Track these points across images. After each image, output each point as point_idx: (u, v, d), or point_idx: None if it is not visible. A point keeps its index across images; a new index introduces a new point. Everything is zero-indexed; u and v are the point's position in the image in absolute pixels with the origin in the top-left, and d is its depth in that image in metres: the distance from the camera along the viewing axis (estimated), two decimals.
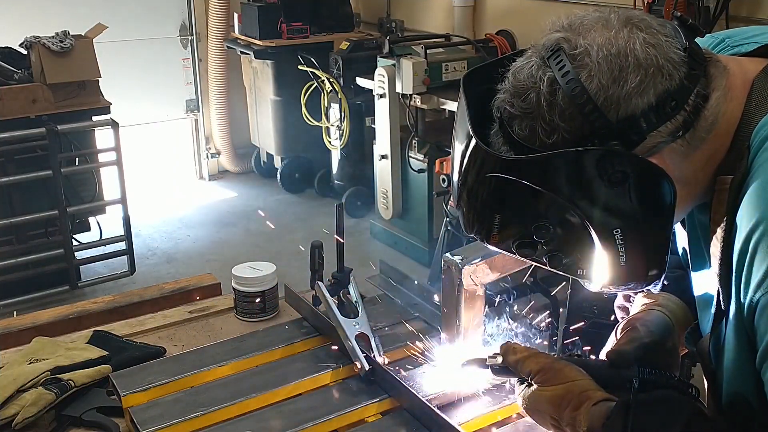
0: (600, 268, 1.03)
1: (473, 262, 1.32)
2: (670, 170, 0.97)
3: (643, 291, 1.31)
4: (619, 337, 1.28)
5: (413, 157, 4.70)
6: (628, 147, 0.96)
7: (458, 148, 1.07)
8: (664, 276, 1.05)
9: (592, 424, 1.08)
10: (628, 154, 0.96)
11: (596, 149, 0.95)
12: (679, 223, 1.19)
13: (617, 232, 0.98)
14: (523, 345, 1.24)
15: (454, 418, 1.36)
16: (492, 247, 1.08)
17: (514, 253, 1.06)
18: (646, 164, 0.96)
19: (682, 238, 1.23)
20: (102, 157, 4.36)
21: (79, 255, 4.41)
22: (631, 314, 1.35)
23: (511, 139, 1.01)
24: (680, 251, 1.28)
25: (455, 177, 1.07)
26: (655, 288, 1.07)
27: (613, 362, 1.21)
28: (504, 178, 0.99)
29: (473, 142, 1.01)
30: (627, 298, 1.42)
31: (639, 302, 1.35)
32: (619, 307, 1.45)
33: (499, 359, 1.22)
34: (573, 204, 0.98)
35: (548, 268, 1.05)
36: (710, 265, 1.07)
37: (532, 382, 1.17)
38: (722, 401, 1.08)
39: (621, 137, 0.95)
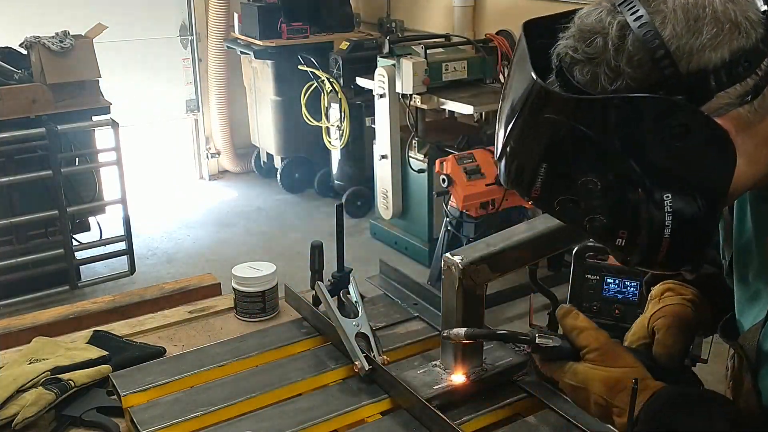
0: (641, 240, 0.97)
1: (473, 262, 1.32)
2: (733, 136, 0.91)
3: (677, 274, 1.30)
4: (660, 328, 1.26)
5: (413, 157, 4.70)
6: (694, 103, 0.91)
7: (510, 94, 1.01)
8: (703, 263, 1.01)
9: (646, 414, 1.05)
10: (694, 109, 0.90)
11: (662, 97, 0.90)
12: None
13: (667, 197, 0.93)
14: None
15: (454, 418, 1.36)
16: (528, 204, 1.05)
17: (554, 212, 1.00)
18: (711, 123, 0.90)
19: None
20: (102, 157, 4.36)
21: (79, 255, 4.41)
22: (663, 303, 1.33)
23: (570, 86, 0.95)
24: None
25: (502, 127, 1.02)
26: (691, 274, 1.04)
27: (663, 364, 1.21)
28: (560, 121, 0.94)
29: (533, 82, 0.95)
30: (655, 278, 1.39)
31: (660, 291, 1.34)
32: (647, 282, 1.43)
33: (552, 342, 1.16)
34: (627, 157, 0.93)
35: (587, 233, 1.00)
36: (764, 259, 1.03)
37: (585, 358, 1.13)
38: (764, 399, 1.05)
39: (688, 91, 0.90)
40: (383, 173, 4.89)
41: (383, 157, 4.84)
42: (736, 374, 1.16)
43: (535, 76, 0.94)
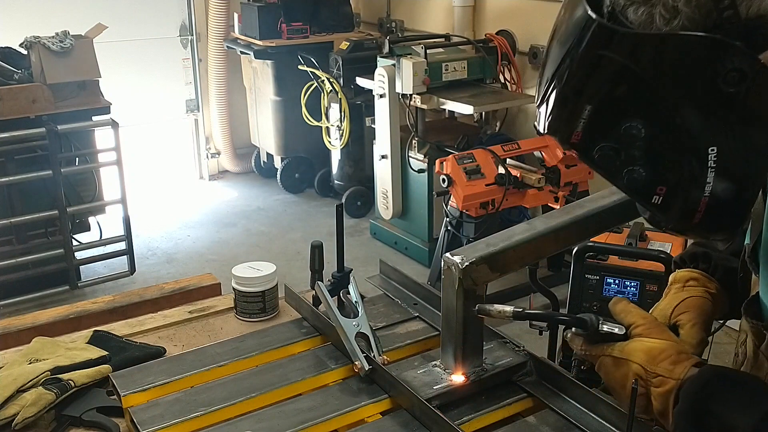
0: (679, 198, 0.95)
1: (473, 262, 1.32)
2: None
3: (710, 242, 1.31)
4: (684, 323, 1.27)
5: (413, 157, 4.70)
6: (750, 50, 0.87)
7: (560, 35, 0.97)
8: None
9: (686, 381, 1.06)
10: (752, 55, 0.87)
11: (720, 39, 0.87)
12: None
13: (712, 151, 0.90)
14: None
15: (454, 418, 1.36)
16: (564, 152, 1.01)
17: (593, 161, 0.97)
18: (766, 73, 0.87)
19: None
20: (102, 157, 4.36)
21: (79, 255, 4.41)
22: (687, 293, 1.33)
23: (624, 26, 0.92)
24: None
25: (547, 68, 0.98)
26: (724, 244, 1.03)
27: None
28: (613, 60, 0.91)
29: (588, 18, 0.91)
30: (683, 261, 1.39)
31: (685, 277, 1.34)
32: (675, 262, 1.42)
33: (618, 330, 1.18)
34: (676, 101, 0.90)
35: (624, 187, 0.98)
36: None
37: (632, 333, 1.15)
38: None
39: (746, 37, 0.87)
40: (383, 173, 4.89)
41: (383, 157, 4.84)
42: (751, 357, 1.16)
43: (592, 13, 0.91)
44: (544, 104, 1.00)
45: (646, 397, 1.11)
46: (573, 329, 1.23)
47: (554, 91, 0.97)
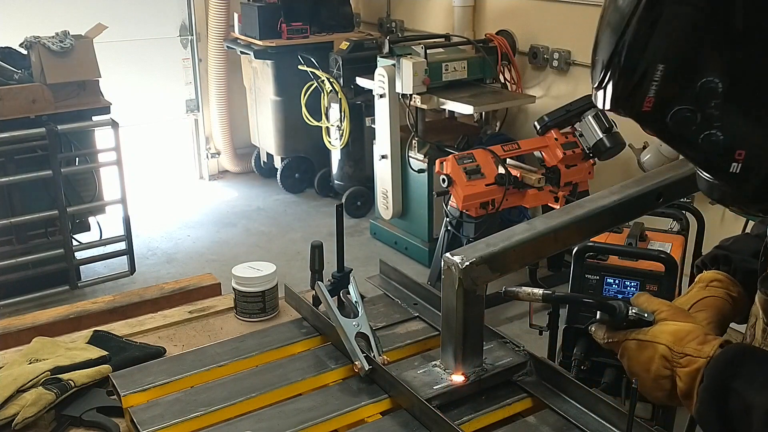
0: (761, 163, 0.89)
1: (473, 262, 1.32)
2: None
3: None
4: (700, 322, 1.25)
5: (413, 157, 4.70)
6: None
7: (613, 4, 0.94)
8: None
9: (711, 360, 1.05)
10: None
11: None
12: None
13: None
14: None
15: (454, 418, 1.36)
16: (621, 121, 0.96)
17: (666, 130, 0.93)
18: None
19: None
20: (102, 157, 4.36)
21: (79, 255, 4.41)
22: (708, 292, 1.32)
23: None
24: None
25: (609, 37, 0.94)
26: None
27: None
28: (684, 10, 0.87)
29: None
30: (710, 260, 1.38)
31: (710, 278, 1.34)
32: (697, 265, 1.41)
33: (647, 317, 1.18)
34: (757, 48, 0.84)
35: (699, 156, 0.93)
36: None
37: (657, 318, 1.16)
38: None
39: None
40: (383, 173, 4.89)
41: (383, 157, 4.84)
42: (759, 338, 1.16)
43: None
44: (607, 77, 0.95)
45: (671, 380, 1.10)
46: (597, 320, 1.24)
47: (620, 61, 0.92)
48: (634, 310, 1.19)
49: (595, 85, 0.98)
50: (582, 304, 1.25)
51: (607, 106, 0.96)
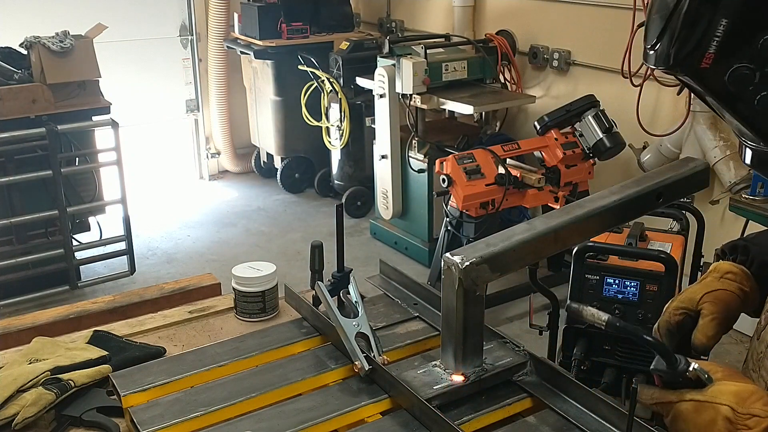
0: None
1: (473, 262, 1.32)
2: None
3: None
4: (706, 315, 1.23)
5: (413, 157, 4.70)
6: None
7: None
8: None
9: None
10: None
11: None
12: None
13: None
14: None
15: (454, 418, 1.36)
16: (689, 81, 0.90)
17: (724, 88, 0.92)
18: None
19: None
20: (102, 157, 4.36)
21: (79, 255, 4.41)
22: (721, 285, 1.29)
23: None
24: None
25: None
26: None
27: (695, 349, 1.22)
28: None
29: None
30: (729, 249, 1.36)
31: (725, 269, 1.32)
32: (717, 253, 1.40)
33: (706, 375, 1.09)
34: None
35: (755, 117, 0.92)
36: None
37: (713, 379, 1.08)
38: None
39: None
40: (383, 173, 4.89)
41: (383, 157, 4.84)
42: None
43: None
44: (667, 38, 0.93)
45: None
46: (644, 377, 1.15)
47: (682, 16, 0.91)
48: (695, 366, 1.08)
49: (653, 42, 0.96)
50: (645, 343, 1.13)
51: (664, 64, 0.95)
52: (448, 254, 1.35)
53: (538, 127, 4.04)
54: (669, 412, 1.10)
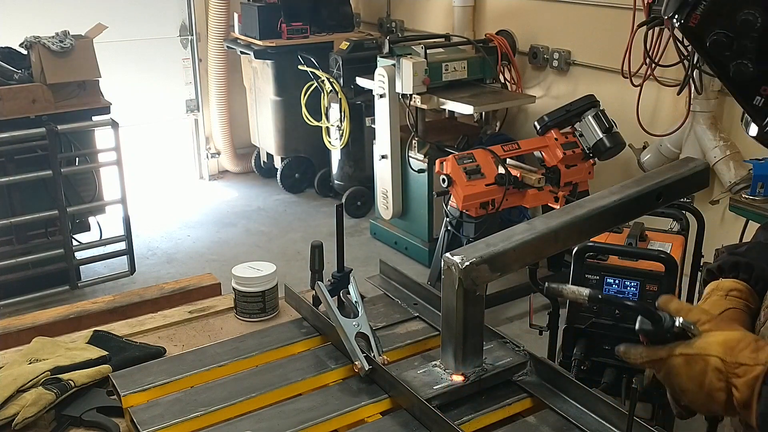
0: None
1: (473, 262, 1.32)
2: None
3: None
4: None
5: (413, 157, 4.70)
6: None
7: None
8: None
9: None
10: None
11: None
12: None
13: None
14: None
15: (454, 418, 1.36)
16: (679, 34, 1.04)
17: (705, 48, 1.03)
18: None
19: None
20: (102, 157, 4.36)
21: (79, 255, 4.41)
22: (728, 304, 1.27)
23: None
24: None
25: None
26: None
27: None
28: None
29: None
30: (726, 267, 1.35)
31: (729, 287, 1.30)
32: (710, 270, 1.38)
33: (694, 329, 1.10)
34: None
35: (729, 80, 1.03)
36: None
37: (700, 330, 1.10)
38: None
39: None
40: (383, 173, 4.89)
41: (383, 157, 4.84)
42: None
43: None
44: None
45: (725, 392, 1.06)
46: (635, 333, 1.13)
47: None
48: (680, 321, 1.10)
49: None
50: (627, 308, 1.15)
51: (665, 14, 1.07)
52: (448, 254, 1.35)
53: (538, 127, 4.04)
54: (661, 368, 1.11)
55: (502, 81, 4.97)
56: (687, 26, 1.05)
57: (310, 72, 5.43)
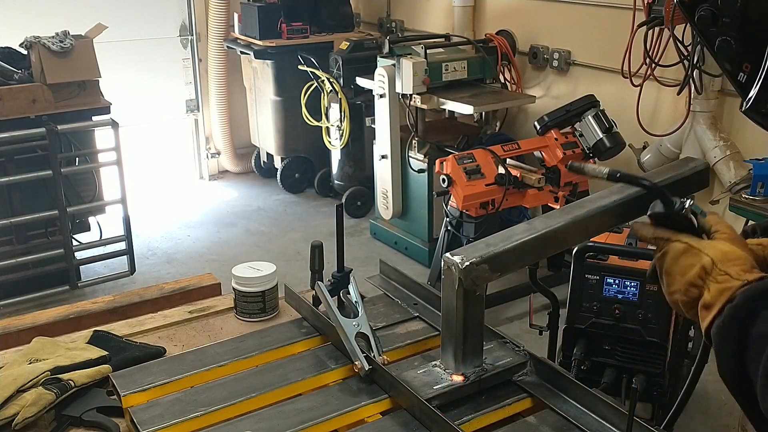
0: (761, 81, 1.01)
1: (473, 262, 1.32)
2: None
3: None
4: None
5: (413, 157, 4.70)
6: None
7: None
8: None
9: (755, 284, 1.05)
10: None
11: None
12: None
13: None
14: None
15: (454, 419, 1.36)
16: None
17: (694, 20, 1.07)
18: None
19: None
20: (102, 157, 4.36)
21: (79, 255, 4.41)
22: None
23: None
24: None
25: None
26: None
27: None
28: None
29: None
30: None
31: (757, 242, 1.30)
32: (755, 229, 1.38)
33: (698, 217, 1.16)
34: None
35: (715, 53, 1.06)
36: None
37: (714, 236, 1.14)
38: None
39: None
40: (383, 173, 4.89)
41: (383, 157, 4.84)
42: None
43: None
44: None
45: (699, 290, 1.09)
46: (649, 214, 1.19)
47: None
48: (690, 203, 1.15)
49: None
50: (644, 187, 1.25)
51: None
52: (448, 254, 1.35)
53: (538, 127, 4.04)
54: (662, 249, 1.15)
55: (502, 81, 4.97)
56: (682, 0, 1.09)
57: (310, 72, 5.43)
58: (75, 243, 4.42)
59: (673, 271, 1.13)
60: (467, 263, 1.32)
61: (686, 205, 1.15)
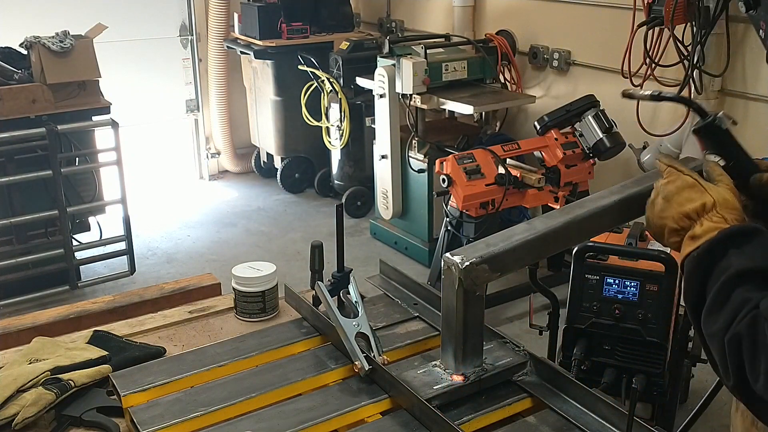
0: None
1: (473, 262, 1.32)
2: None
3: None
4: None
5: (413, 157, 4.70)
6: None
7: None
8: None
9: (736, 227, 1.13)
10: None
11: None
12: None
13: None
14: None
15: (454, 418, 1.36)
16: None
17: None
18: None
19: None
20: (102, 157, 4.35)
21: (79, 255, 4.41)
22: None
23: None
24: None
25: None
26: None
27: None
28: None
29: None
30: None
31: None
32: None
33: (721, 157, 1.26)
34: None
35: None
36: None
37: (718, 183, 1.21)
38: None
39: None
40: (383, 173, 4.89)
41: (383, 157, 4.84)
42: None
43: None
44: None
45: (692, 222, 1.16)
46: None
47: None
48: (720, 114, 1.25)
49: None
50: (679, 101, 1.39)
51: None
52: (448, 254, 1.35)
53: (538, 127, 4.04)
54: (669, 177, 1.23)
55: (502, 81, 4.97)
56: None
57: (310, 72, 5.43)
58: (75, 243, 4.42)
59: (675, 199, 1.19)
60: (467, 263, 1.32)
61: (719, 114, 1.25)
